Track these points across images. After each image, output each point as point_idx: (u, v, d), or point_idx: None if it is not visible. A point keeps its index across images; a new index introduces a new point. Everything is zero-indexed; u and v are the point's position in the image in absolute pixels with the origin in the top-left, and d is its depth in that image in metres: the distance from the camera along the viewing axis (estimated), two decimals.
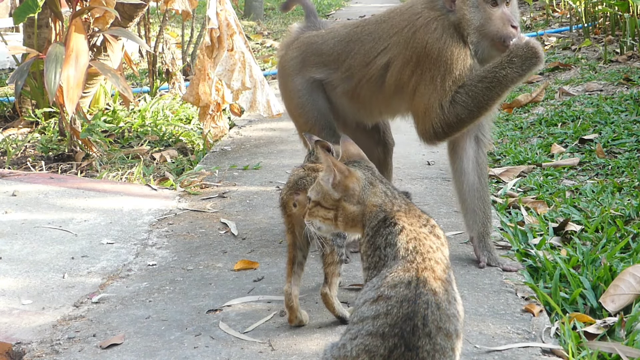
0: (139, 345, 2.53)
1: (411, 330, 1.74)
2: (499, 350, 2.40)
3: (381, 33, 3.21)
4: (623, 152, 4.58)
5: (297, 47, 3.50)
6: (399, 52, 3.12)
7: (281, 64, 3.58)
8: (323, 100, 3.41)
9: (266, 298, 2.86)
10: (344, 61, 3.30)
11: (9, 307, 2.85)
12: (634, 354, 2.36)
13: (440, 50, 2.99)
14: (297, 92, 3.43)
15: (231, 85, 5.01)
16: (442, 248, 1.92)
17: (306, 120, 3.42)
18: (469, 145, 3.17)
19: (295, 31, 3.68)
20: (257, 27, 12.96)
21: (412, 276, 1.81)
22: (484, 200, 3.18)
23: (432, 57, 3.01)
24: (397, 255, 1.87)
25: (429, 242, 1.90)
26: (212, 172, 4.57)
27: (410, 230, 1.91)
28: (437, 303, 1.78)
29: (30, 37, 6.12)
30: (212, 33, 5.02)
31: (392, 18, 3.21)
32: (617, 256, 3.06)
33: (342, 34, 3.37)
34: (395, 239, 1.90)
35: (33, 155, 5.19)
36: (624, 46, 7.12)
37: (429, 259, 1.85)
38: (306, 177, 2.55)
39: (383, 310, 1.77)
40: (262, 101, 5.18)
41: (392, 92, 3.19)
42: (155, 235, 3.58)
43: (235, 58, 5.00)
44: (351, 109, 3.42)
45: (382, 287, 1.81)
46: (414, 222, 1.95)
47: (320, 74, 3.38)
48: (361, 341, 1.77)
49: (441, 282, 1.83)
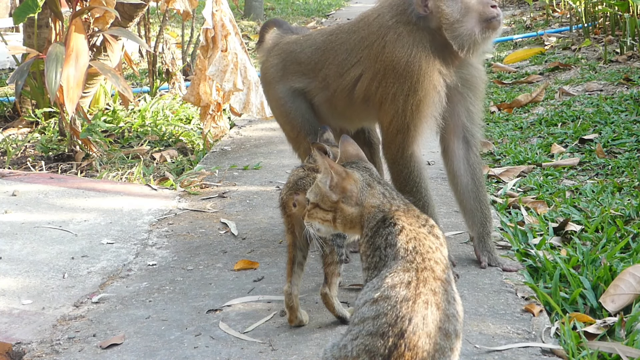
0: (139, 345, 2.53)
1: (412, 330, 1.74)
2: (499, 350, 2.40)
3: (353, 44, 3.19)
4: (623, 152, 4.58)
5: (277, 54, 3.49)
6: (369, 66, 3.10)
7: (263, 70, 3.58)
8: (306, 107, 3.41)
9: (266, 298, 2.86)
10: (320, 71, 3.31)
11: (9, 307, 2.85)
12: (634, 354, 2.36)
13: (407, 64, 2.95)
14: (280, 99, 3.44)
15: (223, 86, 5.00)
16: (441, 248, 1.92)
17: (292, 127, 3.44)
18: (458, 147, 3.18)
19: (274, 36, 3.67)
20: (257, 27, 12.97)
21: (411, 276, 1.81)
22: (480, 200, 3.17)
23: (398, 72, 2.97)
24: (397, 256, 1.87)
25: (429, 242, 1.90)
26: (212, 172, 4.57)
27: (410, 230, 1.91)
28: (436, 303, 1.79)
29: (30, 37, 6.12)
30: (207, 33, 5.02)
31: (362, 29, 3.18)
32: (617, 256, 3.06)
33: (319, 42, 3.37)
34: (395, 239, 1.90)
35: (33, 155, 5.19)
36: (624, 46, 7.12)
37: (429, 259, 1.85)
38: (306, 178, 2.55)
39: (383, 310, 1.77)
40: (255, 103, 5.17)
41: (361, 104, 3.19)
42: (155, 235, 3.58)
43: (228, 59, 4.99)
44: (332, 116, 3.43)
45: (382, 288, 1.81)
46: (413, 221, 1.95)
47: (300, 84, 3.39)
48: (361, 341, 1.78)
49: (441, 282, 1.83)
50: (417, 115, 2.98)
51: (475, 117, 3.19)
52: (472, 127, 3.18)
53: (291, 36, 3.56)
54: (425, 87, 2.94)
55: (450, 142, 3.18)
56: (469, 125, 3.17)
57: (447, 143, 3.20)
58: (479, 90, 3.16)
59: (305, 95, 3.39)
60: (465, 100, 3.13)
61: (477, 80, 3.14)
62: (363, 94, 3.14)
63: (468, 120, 3.16)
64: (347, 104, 3.26)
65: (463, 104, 3.13)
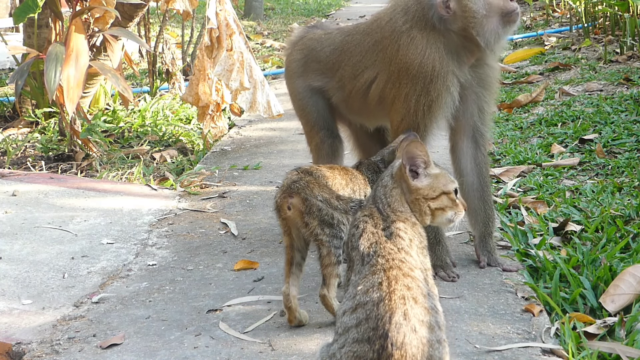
0: (139, 345, 2.53)
1: (395, 329, 1.74)
2: (499, 350, 2.40)
3: (367, 47, 3.24)
4: (623, 152, 4.58)
5: (300, 50, 3.59)
6: (384, 69, 3.15)
7: (286, 63, 3.69)
8: (323, 104, 3.51)
9: (266, 298, 2.86)
10: (337, 71, 3.39)
11: (9, 307, 2.85)
12: (634, 354, 2.36)
13: (420, 65, 2.99)
14: (299, 94, 3.56)
15: (229, 85, 5.01)
16: (406, 248, 1.93)
17: (307, 121, 3.56)
18: (467, 146, 3.19)
19: (301, 29, 3.79)
20: (257, 27, 12.96)
21: (380, 277, 1.84)
22: (484, 200, 3.18)
23: (411, 74, 3.02)
24: (363, 260, 1.92)
25: (390, 244, 1.92)
26: (212, 172, 4.57)
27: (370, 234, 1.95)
28: (413, 297, 1.79)
29: (30, 37, 6.12)
30: (212, 33, 5.02)
31: (375, 32, 3.22)
32: (617, 256, 3.06)
33: (337, 42, 3.44)
34: (357, 242, 1.95)
35: (33, 155, 5.19)
36: (624, 46, 7.12)
37: (392, 259, 1.88)
38: (299, 181, 2.55)
39: (363, 316, 1.79)
40: (262, 102, 5.18)
41: (376, 105, 3.24)
42: (155, 235, 3.58)
43: (234, 58, 5.00)
44: (349, 114, 3.52)
45: (357, 296, 1.84)
46: (379, 223, 1.98)
47: (319, 82, 3.48)
48: (349, 349, 1.79)
49: (411, 278, 1.84)
50: (428, 116, 3.02)
51: (487, 117, 3.22)
52: (482, 127, 3.21)
53: (315, 32, 3.65)
54: (437, 88, 2.98)
55: (459, 140, 3.20)
56: (479, 125, 3.20)
57: (456, 141, 3.22)
58: (493, 89, 3.20)
59: (323, 94, 3.48)
60: (479, 99, 3.16)
61: (491, 79, 3.18)
62: (378, 96, 3.19)
63: (479, 119, 3.19)
64: (362, 105, 3.32)
65: (476, 103, 3.16)
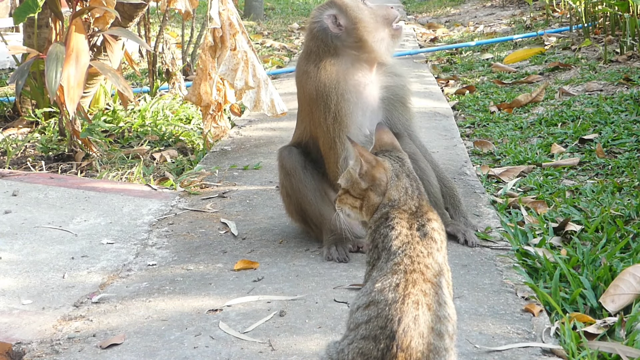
0: (139, 345, 2.53)
1: (402, 331, 1.75)
2: (499, 350, 2.40)
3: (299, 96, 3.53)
4: (623, 152, 4.58)
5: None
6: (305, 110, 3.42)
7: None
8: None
9: (266, 298, 2.86)
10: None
11: (9, 307, 2.85)
12: (634, 354, 2.36)
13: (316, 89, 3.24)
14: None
15: (235, 85, 5.02)
16: (435, 253, 1.90)
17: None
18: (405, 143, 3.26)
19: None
20: (257, 27, 12.97)
21: (399, 278, 1.83)
22: (440, 178, 3.42)
23: (313, 100, 3.27)
24: (388, 259, 1.89)
25: (420, 246, 1.89)
26: (212, 172, 4.57)
27: (405, 236, 1.91)
28: (427, 304, 1.79)
29: (30, 37, 6.12)
30: (215, 33, 5.02)
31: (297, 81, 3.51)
32: (617, 256, 3.06)
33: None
34: (390, 244, 1.91)
35: (33, 155, 5.19)
36: (624, 46, 7.12)
37: (418, 262, 1.86)
38: None
39: (373, 314, 1.80)
40: (266, 100, 5.18)
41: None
42: (155, 235, 3.58)
43: (238, 57, 5.00)
44: None
45: (373, 293, 1.83)
46: (413, 224, 1.94)
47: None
48: (356, 345, 1.80)
49: (431, 284, 1.83)
50: (339, 127, 3.23)
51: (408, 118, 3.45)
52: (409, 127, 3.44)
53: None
54: (335, 100, 3.23)
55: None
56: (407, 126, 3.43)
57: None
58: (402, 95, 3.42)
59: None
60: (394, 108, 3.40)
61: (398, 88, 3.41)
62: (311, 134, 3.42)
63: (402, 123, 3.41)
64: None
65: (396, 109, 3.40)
